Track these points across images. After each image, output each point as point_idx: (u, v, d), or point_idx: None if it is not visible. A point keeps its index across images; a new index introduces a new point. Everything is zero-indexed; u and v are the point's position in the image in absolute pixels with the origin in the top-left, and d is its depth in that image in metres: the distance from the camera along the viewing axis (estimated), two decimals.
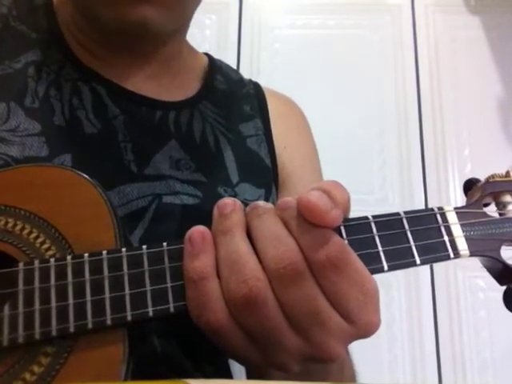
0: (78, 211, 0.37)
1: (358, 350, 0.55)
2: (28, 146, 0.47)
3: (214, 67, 0.67)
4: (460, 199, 1.34)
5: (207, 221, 0.46)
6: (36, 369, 0.34)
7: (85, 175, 0.38)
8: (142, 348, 0.44)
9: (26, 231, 0.37)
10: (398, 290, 1.24)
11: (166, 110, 0.56)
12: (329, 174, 1.38)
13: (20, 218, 0.37)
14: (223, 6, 1.45)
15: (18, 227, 0.37)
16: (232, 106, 0.63)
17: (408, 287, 1.24)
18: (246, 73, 1.52)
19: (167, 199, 0.51)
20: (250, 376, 0.48)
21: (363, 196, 1.31)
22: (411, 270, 0.39)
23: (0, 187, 0.38)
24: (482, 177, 1.42)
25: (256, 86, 0.69)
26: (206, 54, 0.70)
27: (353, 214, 0.40)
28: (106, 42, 0.55)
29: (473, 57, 1.40)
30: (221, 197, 0.54)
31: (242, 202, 0.54)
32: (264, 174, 0.60)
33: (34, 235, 0.36)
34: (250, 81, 0.71)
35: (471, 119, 1.37)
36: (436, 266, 1.18)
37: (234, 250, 0.35)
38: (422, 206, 1.32)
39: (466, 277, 1.24)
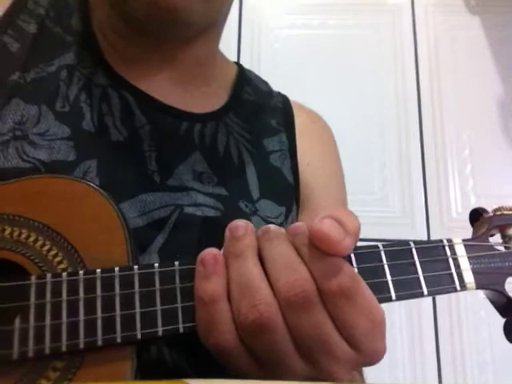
0: (90, 224, 0.37)
1: None
2: (56, 150, 0.47)
3: (244, 77, 0.66)
4: (460, 199, 1.34)
5: None
6: (44, 383, 0.34)
7: (99, 188, 0.39)
8: (147, 359, 0.44)
9: (39, 243, 0.37)
10: None
11: (192, 121, 0.56)
12: None
13: (33, 230, 0.37)
14: None
15: (32, 239, 0.37)
16: (258, 119, 0.62)
17: None
18: None
19: (189, 210, 0.51)
20: None
21: (363, 196, 1.31)
22: None
23: (14, 197, 0.38)
24: (482, 177, 1.41)
25: (284, 99, 0.68)
26: (237, 64, 0.69)
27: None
28: (137, 40, 0.55)
29: (473, 57, 1.40)
30: (241, 211, 0.54)
31: (263, 218, 0.54)
32: (286, 192, 0.59)
33: (46, 247, 0.37)
34: (279, 93, 0.70)
35: (471, 119, 1.37)
36: None
37: (245, 273, 0.35)
38: (422, 206, 1.32)
39: None
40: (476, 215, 0.44)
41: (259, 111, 0.63)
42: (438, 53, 1.42)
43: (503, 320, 0.41)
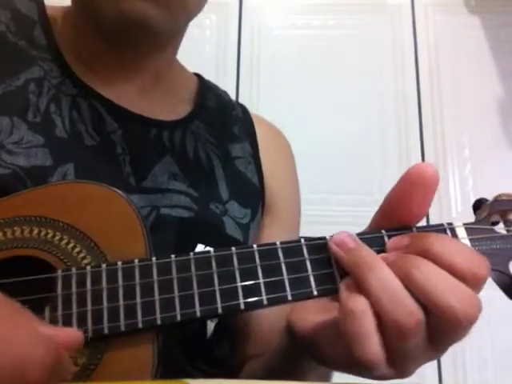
0: (111, 224, 0.40)
1: None
2: (33, 156, 0.49)
3: (205, 86, 0.68)
4: (460, 199, 1.34)
5: (202, 234, 0.52)
6: (73, 368, 0.36)
7: (119, 191, 0.41)
8: None
9: (64, 241, 0.39)
10: None
11: (160, 128, 0.57)
12: (329, 174, 1.39)
13: (59, 230, 0.40)
14: (223, 6, 1.45)
15: (57, 238, 0.39)
16: (223, 125, 0.64)
17: None
18: (246, 73, 1.53)
19: (165, 211, 0.52)
20: None
21: (363, 196, 1.31)
22: None
23: (40, 201, 0.41)
24: (482, 177, 1.41)
25: (244, 110, 0.70)
26: (196, 74, 0.71)
27: (352, 214, 0.40)
28: (101, 51, 0.56)
29: (473, 57, 1.41)
30: (213, 213, 0.56)
31: (232, 218, 0.56)
32: (250, 195, 0.62)
33: (71, 245, 0.39)
34: (239, 104, 0.71)
35: (471, 119, 1.38)
36: None
37: (388, 279, 0.35)
38: None
39: None
40: (479, 204, 0.45)
41: (223, 118, 0.66)
42: (438, 52, 1.42)
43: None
